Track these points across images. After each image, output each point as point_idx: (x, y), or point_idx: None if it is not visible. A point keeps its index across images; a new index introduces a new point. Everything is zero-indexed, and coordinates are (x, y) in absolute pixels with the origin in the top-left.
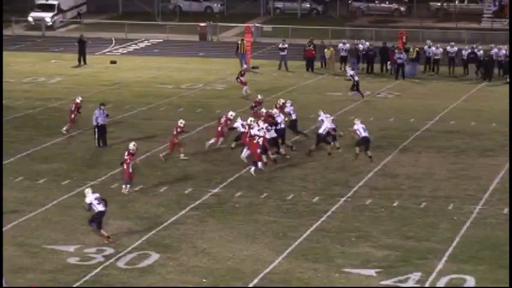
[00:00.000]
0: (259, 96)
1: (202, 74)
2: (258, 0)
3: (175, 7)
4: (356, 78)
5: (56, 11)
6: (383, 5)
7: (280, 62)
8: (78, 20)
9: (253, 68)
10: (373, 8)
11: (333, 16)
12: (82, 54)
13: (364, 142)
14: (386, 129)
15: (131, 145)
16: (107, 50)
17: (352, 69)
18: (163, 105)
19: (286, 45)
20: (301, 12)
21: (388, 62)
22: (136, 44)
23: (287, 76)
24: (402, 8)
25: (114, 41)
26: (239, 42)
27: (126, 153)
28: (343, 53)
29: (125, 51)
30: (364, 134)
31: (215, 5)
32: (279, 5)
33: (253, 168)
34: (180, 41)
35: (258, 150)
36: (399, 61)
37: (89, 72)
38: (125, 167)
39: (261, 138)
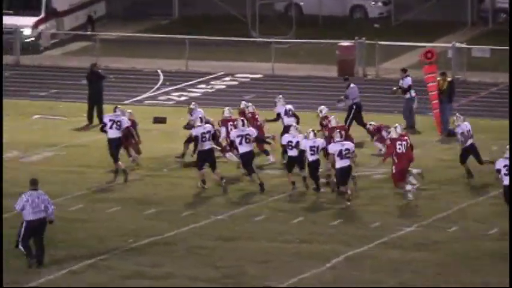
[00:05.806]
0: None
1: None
2: None
3: (289, 7)
4: None
5: (43, 15)
6: None
7: None
8: (89, 31)
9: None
10: None
11: None
12: (95, 102)
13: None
14: None
15: None
16: (146, 94)
17: None
18: None
19: None
20: None
21: None
22: (207, 82)
23: None
24: None
25: (161, 76)
26: (439, 79)
27: None
28: None
29: (184, 98)
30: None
31: (372, 3)
32: (505, 3)
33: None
34: (297, 77)
35: None
36: None
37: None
38: None
39: None
